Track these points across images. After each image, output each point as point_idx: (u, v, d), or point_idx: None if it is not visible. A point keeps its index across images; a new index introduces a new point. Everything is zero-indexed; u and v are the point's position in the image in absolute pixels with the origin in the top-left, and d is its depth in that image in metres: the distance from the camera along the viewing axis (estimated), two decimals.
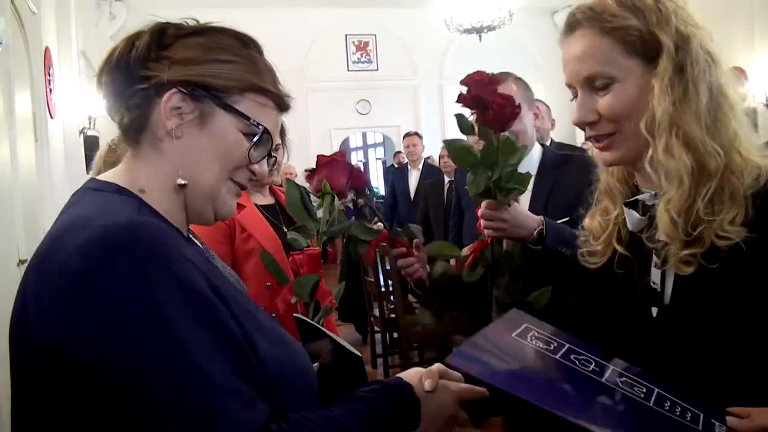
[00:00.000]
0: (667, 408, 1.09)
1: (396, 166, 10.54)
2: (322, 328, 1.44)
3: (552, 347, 1.17)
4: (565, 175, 2.31)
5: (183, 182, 1.12)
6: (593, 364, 1.15)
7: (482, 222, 1.83)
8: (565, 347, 1.17)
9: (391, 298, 5.49)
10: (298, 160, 12.18)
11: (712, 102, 1.23)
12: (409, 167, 8.40)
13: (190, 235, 1.27)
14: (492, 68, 1.93)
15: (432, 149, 10.21)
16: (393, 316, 5.51)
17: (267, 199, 2.86)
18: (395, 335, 5.83)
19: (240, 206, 2.68)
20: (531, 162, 2.40)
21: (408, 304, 4.79)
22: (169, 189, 1.13)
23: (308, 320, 1.42)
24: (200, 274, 1.01)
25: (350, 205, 12.68)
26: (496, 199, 1.79)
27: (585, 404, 1.07)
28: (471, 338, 1.16)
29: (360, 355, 1.31)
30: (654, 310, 1.31)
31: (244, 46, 1.23)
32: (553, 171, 2.37)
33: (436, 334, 1.98)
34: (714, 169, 1.22)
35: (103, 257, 0.94)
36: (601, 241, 1.42)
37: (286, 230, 2.68)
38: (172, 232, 1.07)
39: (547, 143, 4.63)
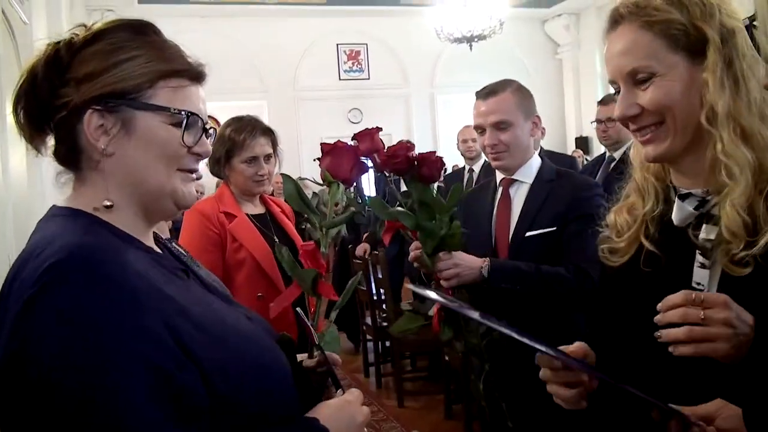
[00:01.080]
0: None
1: (387, 174, 10.53)
2: (308, 324, 1.41)
3: None
4: (556, 190, 2.38)
5: (109, 204, 1.10)
6: None
7: (442, 277, 2.14)
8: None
9: (383, 306, 5.49)
10: (289, 168, 12.19)
11: (760, 96, 1.22)
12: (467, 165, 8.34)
13: (166, 241, 1.29)
14: (482, 77, 2.02)
15: None
16: (385, 324, 5.50)
17: (258, 209, 2.87)
18: (387, 344, 5.82)
19: (231, 216, 2.69)
20: (529, 172, 2.47)
21: (399, 312, 4.79)
22: (120, 204, 1.12)
23: (302, 314, 1.42)
24: (147, 288, 1.00)
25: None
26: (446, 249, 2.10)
27: None
28: None
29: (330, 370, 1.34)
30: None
31: (138, 34, 1.14)
32: (547, 184, 2.42)
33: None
34: (766, 162, 1.20)
35: (47, 283, 0.94)
36: (625, 237, 1.39)
37: (276, 239, 2.70)
38: (120, 246, 1.05)
39: (536, 151, 4.66)
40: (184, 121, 1.13)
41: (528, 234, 2.34)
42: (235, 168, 2.74)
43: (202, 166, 1.28)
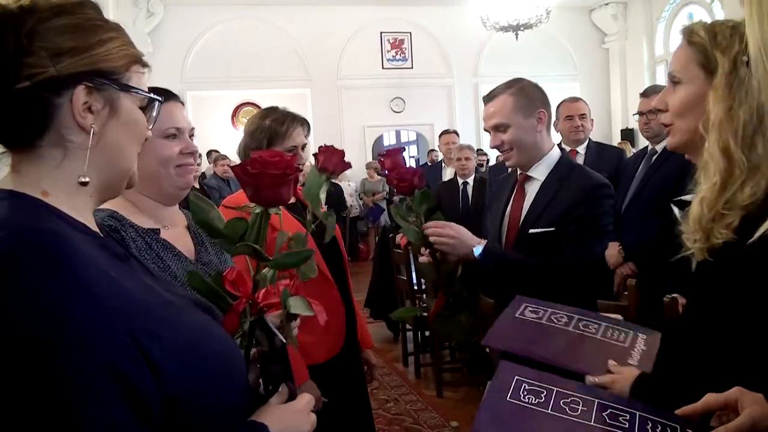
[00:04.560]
0: (650, 426, 1.23)
1: (430, 164, 10.52)
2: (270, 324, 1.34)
3: (543, 399, 1.29)
4: (563, 189, 2.45)
5: (85, 180, 1.07)
6: (581, 404, 1.28)
7: (433, 240, 2.28)
8: (554, 393, 1.30)
9: (424, 296, 5.48)
10: None
11: (752, 123, 1.45)
12: (443, 165, 8.39)
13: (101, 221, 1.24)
14: (527, 66, 2.08)
15: None
16: (425, 314, 5.49)
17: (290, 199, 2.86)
18: (427, 333, 5.82)
19: None
20: (543, 168, 2.54)
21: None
22: (81, 188, 1.08)
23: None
24: (104, 280, 0.95)
25: (380, 203, 12.71)
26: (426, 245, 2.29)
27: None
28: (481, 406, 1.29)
29: (284, 339, 1.23)
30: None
31: (100, 13, 1.13)
32: (558, 182, 2.47)
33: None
34: (736, 176, 1.44)
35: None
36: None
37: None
38: (71, 233, 1.00)
39: (585, 144, 4.60)
40: (155, 106, 1.17)
41: (531, 231, 2.43)
42: None
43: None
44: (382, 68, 13.47)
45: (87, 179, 1.07)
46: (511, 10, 10.56)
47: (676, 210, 1.66)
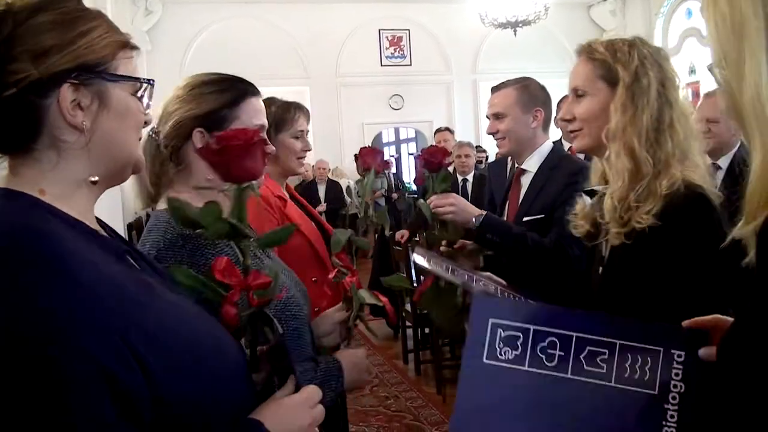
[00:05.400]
0: (627, 373, 1.19)
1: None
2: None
3: (520, 350, 1.26)
4: (552, 179, 2.66)
5: (94, 179, 1.07)
6: (558, 345, 1.24)
7: (435, 210, 2.44)
8: (531, 334, 1.26)
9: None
10: (331, 154, 12.25)
11: (653, 127, 1.69)
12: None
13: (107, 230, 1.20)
14: (526, 63, 2.17)
15: None
16: (425, 311, 5.50)
17: (284, 192, 2.85)
18: (427, 330, 5.82)
19: (281, 199, 2.66)
20: (535, 161, 2.75)
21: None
22: (82, 185, 1.07)
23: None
24: (100, 281, 0.94)
25: (379, 201, 12.68)
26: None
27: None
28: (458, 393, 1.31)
29: (281, 330, 1.24)
30: (600, 269, 1.82)
31: (81, 2, 1.10)
32: (549, 171, 2.68)
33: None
34: (645, 173, 1.67)
35: None
36: (581, 218, 1.88)
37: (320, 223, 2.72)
38: (67, 232, 0.99)
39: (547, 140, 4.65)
40: (147, 90, 1.14)
41: (525, 219, 2.65)
42: (283, 143, 2.67)
43: None
44: (381, 66, 13.45)
45: (96, 178, 1.07)
46: (510, 7, 10.56)
47: (586, 199, 1.85)
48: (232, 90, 1.70)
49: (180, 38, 12.14)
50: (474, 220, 2.50)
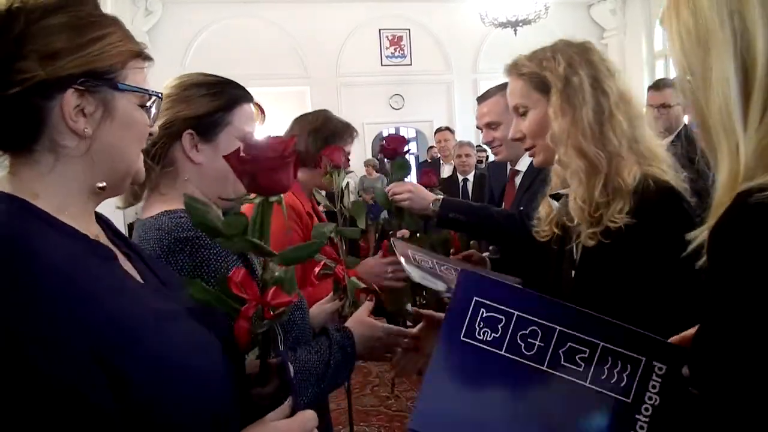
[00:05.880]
0: (604, 376, 1.15)
1: (429, 160, 10.52)
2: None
3: (500, 333, 1.21)
4: (540, 177, 2.63)
5: (102, 185, 1.06)
6: (539, 335, 1.19)
7: (392, 197, 2.46)
8: (514, 319, 1.21)
9: (424, 292, 5.47)
10: None
11: (596, 121, 1.70)
12: (441, 162, 8.40)
13: (114, 237, 1.19)
14: None
15: None
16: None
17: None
18: None
19: (310, 216, 2.65)
20: (527, 161, 2.74)
21: (441, 298, 4.77)
22: (80, 191, 1.06)
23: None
24: (59, 289, 0.89)
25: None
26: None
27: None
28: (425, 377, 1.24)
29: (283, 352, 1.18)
30: (572, 273, 1.80)
31: (98, 8, 1.08)
32: (537, 171, 2.62)
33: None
34: (600, 168, 1.68)
35: None
36: (546, 222, 1.89)
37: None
38: (46, 237, 0.96)
39: None
40: (154, 103, 1.13)
41: None
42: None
43: None
44: (381, 65, 13.43)
45: (103, 184, 1.06)
46: (510, 6, 10.56)
47: (553, 203, 1.84)
48: (225, 94, 1.67)
49: (180, 38, 12.12)
50: (431, 204, 2.50)
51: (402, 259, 1.93)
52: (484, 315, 1.22)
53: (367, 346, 1.76)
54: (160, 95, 1.14)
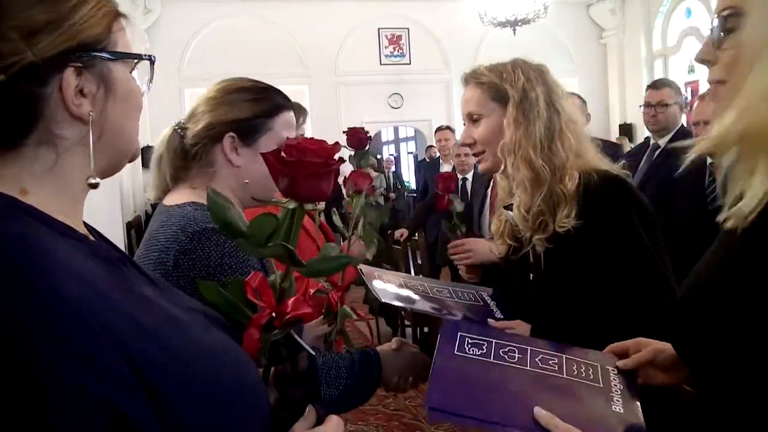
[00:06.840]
0: (575, 372, 1.39)
1: (428, 160, 10.51)
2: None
3: (485, 350, 1.43)
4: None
5: (95, 182, 0.91)
6: (517, 352, 1.43)
7: (453, 256, 2.50)
8: (494, 344, 1.44)
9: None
10: None
11: (547, 136, 1.79)
12: (441, 161, 8.39)
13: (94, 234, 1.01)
14: None
15: None
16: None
17: None
18: (426, 330, 5.82)
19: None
20: None
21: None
22: (73, 187, 0.91)
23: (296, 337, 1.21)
24: (92, 296, 0.76)
25: (380, 201, 12.66)
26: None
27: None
28: (432, 372, 1.35)
29: (313, 353, 1.06)
30: (531, 276, 1.90)
31: None
32: None
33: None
34: (544, 179, 1.77)
35: None
36: (498, 236, 1.99)
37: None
38: (53, 240, 0.82)
39: None
40: (150, 66, 1.00)
41: None
42: None
43: None
44: (380, 64, 13.44)
45: (96, 180, 0.92)
46: (509, 6, 10.57)
47: (508, 213, 1.91)
48: (268, 101, 1.71)
49: (179, 37, 12.12)
50: (491, 250, 2.36)
51: (370, 283, 1.90)
52: (469, 342, 1.44)
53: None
54: (153, 58, 1.00)
